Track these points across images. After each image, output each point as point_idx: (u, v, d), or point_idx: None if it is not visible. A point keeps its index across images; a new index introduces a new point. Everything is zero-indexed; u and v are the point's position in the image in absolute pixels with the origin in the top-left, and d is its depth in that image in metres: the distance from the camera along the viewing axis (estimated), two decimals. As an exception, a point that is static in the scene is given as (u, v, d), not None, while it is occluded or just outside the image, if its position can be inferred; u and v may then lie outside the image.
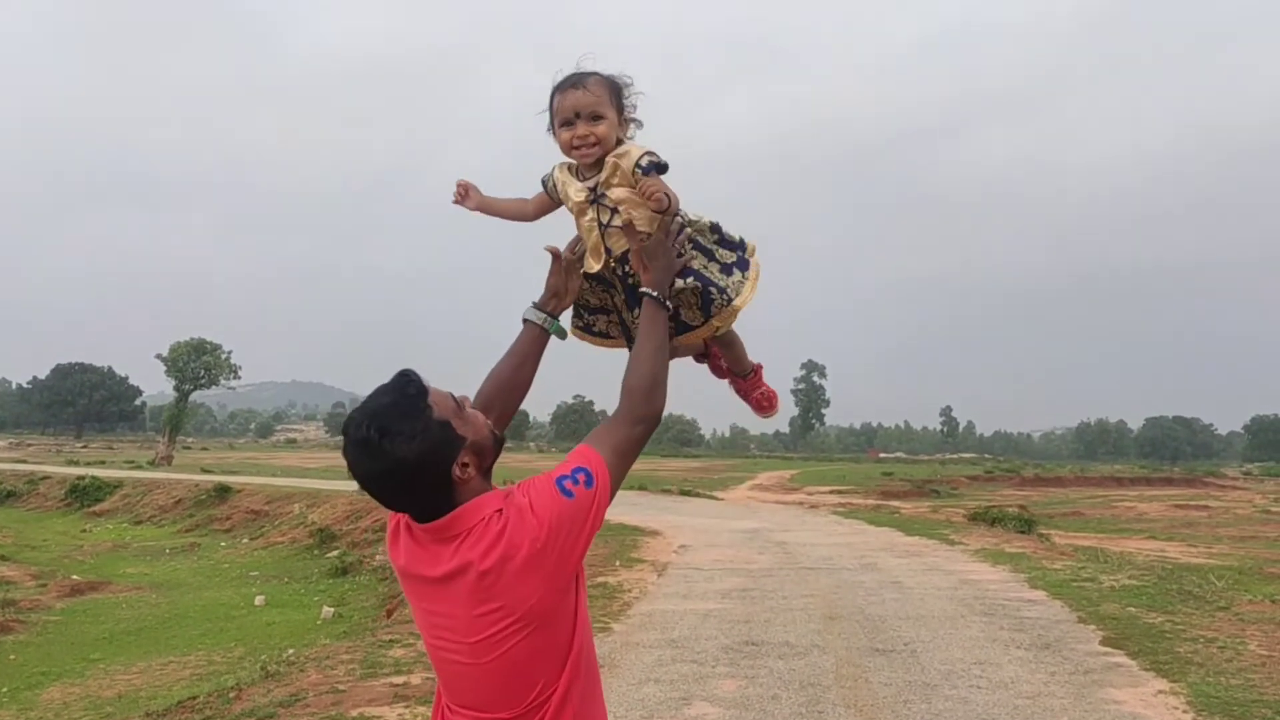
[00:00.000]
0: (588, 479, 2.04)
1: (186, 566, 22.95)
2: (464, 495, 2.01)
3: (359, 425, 1.99)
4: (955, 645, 8.94)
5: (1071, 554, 16.01)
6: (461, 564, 1.96)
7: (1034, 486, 58.30)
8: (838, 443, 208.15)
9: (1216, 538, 29.16)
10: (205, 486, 34.66)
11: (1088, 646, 8.85)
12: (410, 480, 1.98)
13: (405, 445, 1.94)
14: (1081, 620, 9.99)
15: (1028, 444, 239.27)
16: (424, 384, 2.04)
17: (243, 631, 15.36)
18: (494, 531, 1.95)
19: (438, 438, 1.97)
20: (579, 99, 2.37)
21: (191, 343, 75.86)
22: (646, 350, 2.29)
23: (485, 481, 2.07)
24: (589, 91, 2.38)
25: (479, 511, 1.99)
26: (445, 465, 1.98)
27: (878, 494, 44.64)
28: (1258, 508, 42.04)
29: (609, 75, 2.44)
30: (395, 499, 2.05)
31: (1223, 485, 65.47)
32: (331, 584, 19.45)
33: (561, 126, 2.41)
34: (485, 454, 2.06)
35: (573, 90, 2.39)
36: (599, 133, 2.37)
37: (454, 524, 1.99)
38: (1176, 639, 9.02)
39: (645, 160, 2.35)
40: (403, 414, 1.97)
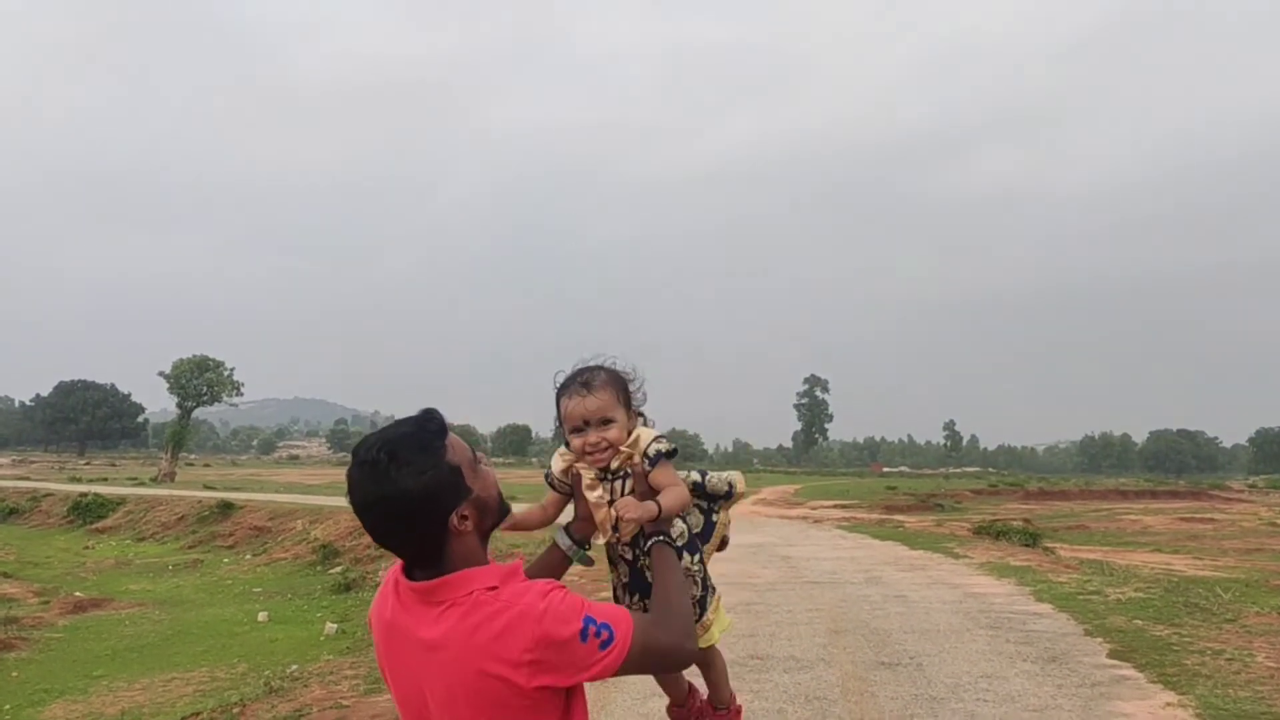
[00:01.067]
0: (608, 639, 1.87)
1: (189, 583, 22.86)
2: (457, 550, 1.94)
3: (370, 448, 1.94)
4: (961, 658, 8.90)
5: (1077, 567, 15.97)
6: (446, 634, 1.87)
7: (1038, 500, 58.18)
8: (841, 457, 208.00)
9: (1222, 550, 29.07)
10: (208, 503, 34.53)
11: (1095, 659, 8.81)
12: (407, 515, 1.91)
13: (411, 477, 1.89)
14: (1088, 633, 9.95)
15: (1031, 457, 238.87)
16: (445, 425, 2.00)
17: (246, 648, 15.27)
18: (487, 611, 1.85)
19: (445, 480, 1.92)
20: (588, 407, 2.35)
21: (194, 360, 75.82)
22: (676, 591, 2.14)
23: (481, 547, 1.99)
24: (596, 397, 2.36)
25: (469, 584, 1.90)
26: (445, 510, 1.91)
27: (881, 508, 44.52)
28: (1263, 520, 41.92)
29: (614, 372, 2.43)
30: (387, 532, 1.97)
31: (1228, 498, 65.38)
32: (334, 600, 19.35)
33: (572, 432, 2.39)
34: (487, 514, 2.00)
35: (580, 397, 2.37)
36: (611, 438, 2.35)
37: (440, 590, 1.91)
38: (1184, 651, 8.98)
39: (653, 449, 2.34)
40: (417, 446, 1.93)
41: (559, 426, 2.43)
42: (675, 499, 2.31)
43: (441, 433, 1.97)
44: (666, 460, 2.34)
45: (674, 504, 2.30)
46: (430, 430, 1.97)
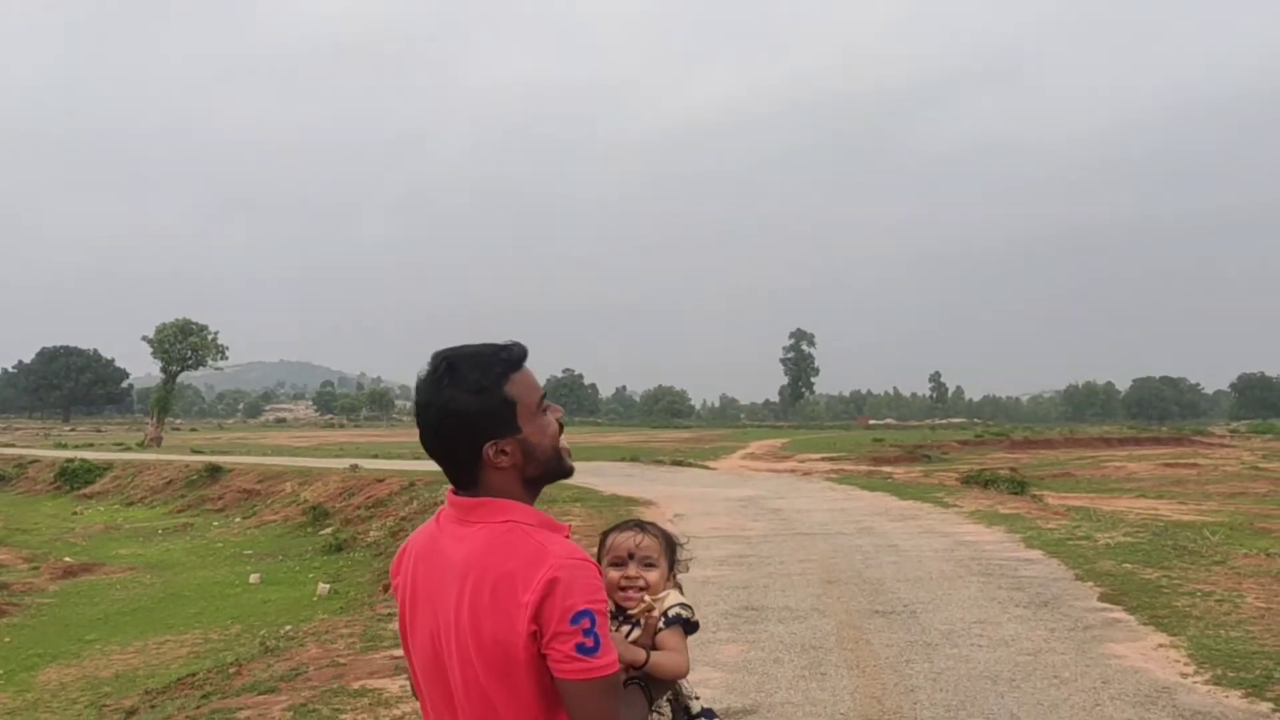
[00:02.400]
0: (592, 648, 1.77)
1: (180, 546, 22.90)
2: (493, 482, 1.91)
3: (439, 356, 1.94)
4: (954, 605, 8.95)
5: (1065, 514, 16.08)
6: (471, 556, 1.84)
7: (1024, 449, 58.63)
8: (827, 411, 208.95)
9: (1206, 495, 29.46)
10: (196, 467, 34.54)
11: (1086, 603, 8.87)
12: (445, 427, 1.89)
13: (460, 392, 1.87)
14: (1079, 578, 10.02)
15: (1016, 407, 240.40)
16: (520, 359, 1.96)
17: (239, 609, 15.33)
18: (510, 541, 1.83)
19: (492, 407, 1.88)
20: (638, 542, 2.29)
21: (178, 324, 75.35)
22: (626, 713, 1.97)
23: (521, 487, 1.93)
24: (650, 537, 2.30)
25: (505, 511, 1.87)
26: (482, 436, 1.88)
27: (869, 460, 44.81)
28: (1245, 464, 42.44)
29: (667, 530, 2.39)
30: (428, 440, 1.95)
31: (1210, 443, 66.00)
32: (326, 561, 19.44)
33: (611, 564, 2.30)
34: (534, 461, 1.93)
35: (633, 532, 2.32)
36: (650, 579, 2.27)
37: (482, 509, 1.89)
38: (1174, 594, 9.05)
39: (674, 610, 2.23)
40: (478, 366, 1.90)
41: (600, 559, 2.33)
42: (668, 661, 2.18)
43: (511, 363, 1.93)
44: (682, 628, 2.24)
45: (665, 665, 2.17)
46: (500, 358, 1.94)
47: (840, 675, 6.78)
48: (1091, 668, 6.78)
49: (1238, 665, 6.66)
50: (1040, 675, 6.65)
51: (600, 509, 16.95)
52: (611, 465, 32.45)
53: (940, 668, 6.88)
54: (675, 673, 2.20)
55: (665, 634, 2.21)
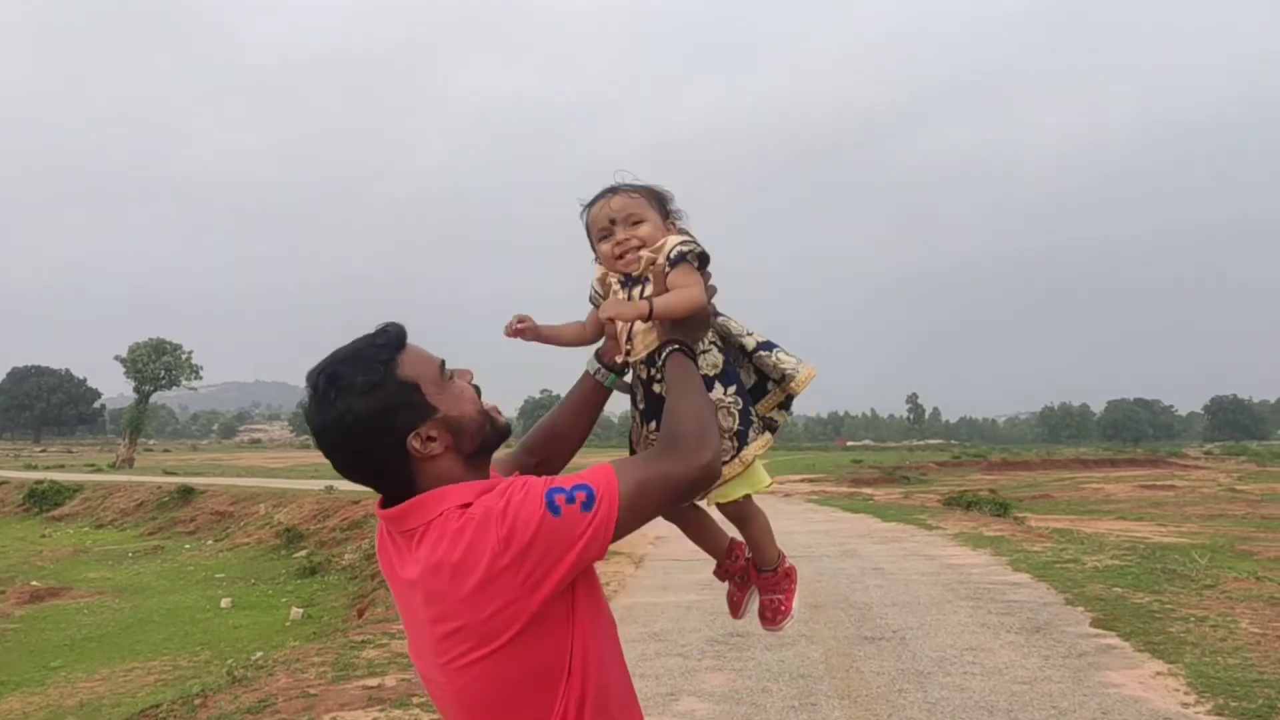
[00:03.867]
0: (588, 499, 1.63)
1: (150, 570, 22.52)
2: (427, 476, 1.70)
3: (314, 373, 1.72)
4: (944, 631, 8.75)
5: (1050, 536, 15.94)
6: (423, 568, 1.63)
7: (1002, 470, 58.73)
8: (805, 432, 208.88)
9: (1185, 516, 29.42)
10: (168, 488, 34.13)
11: (1079, 629, 8.68)
12: (354, 440, 1.68)
13: (352, 397, 1.66)
14: (1069, 602, 9.84)
15: (993, 429, 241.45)
16: (401, 338, 1.75)
17: (209, 635, 15.02)
18: (452, 530, 1.61)
19: (394, 398, 1.68)
20: (613, 206, 2.10)
21: (151, 343, 74.62)
22: (688, 398, 1.88)
23: (464, 468, 1.74)
24: (622, 198, 2.10)
25: (440, 503, 1.66)
26: (400, 432, 1.68)
27: (848, 482, 44.73)
28: (1222, 486, 42.57)
29: (646, 184, 2.15)
30: (343, 464, 1.74)
31: (1185, 465, 66.32)
32: (300, 584, 19.14)
33: (600, 240, 2.13)
34: (464, 435, 1.74)
35: (604, 199, 2.12)
36: (642, 235, 2.08)
37: (410, 515, 1.69)
38: (1167, 619, 8.88)
39: (675, 250, 2.04)
40: (359, 363, 1.69)
41: (592, 248, 2.18)
42: (678, 299, 2.00)
43: (392, 345, 1.73)
44: (690, 263, 2.04)
45: (675, 304, 2.00)
46: (378, 344, 1.73)
47: (831, 706, 6.55)
48: (1090, 697, 6.57)
49: (1239, 694, 6.48)
50: (1038, 706, 6.44)
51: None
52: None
53: (935, 698, 6.66)
54: (690, 306, 2.02)
55: (672, 275, 2.03)
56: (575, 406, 2.17)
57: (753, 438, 2.11)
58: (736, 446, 2.08)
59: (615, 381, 2.16)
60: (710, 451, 1.78)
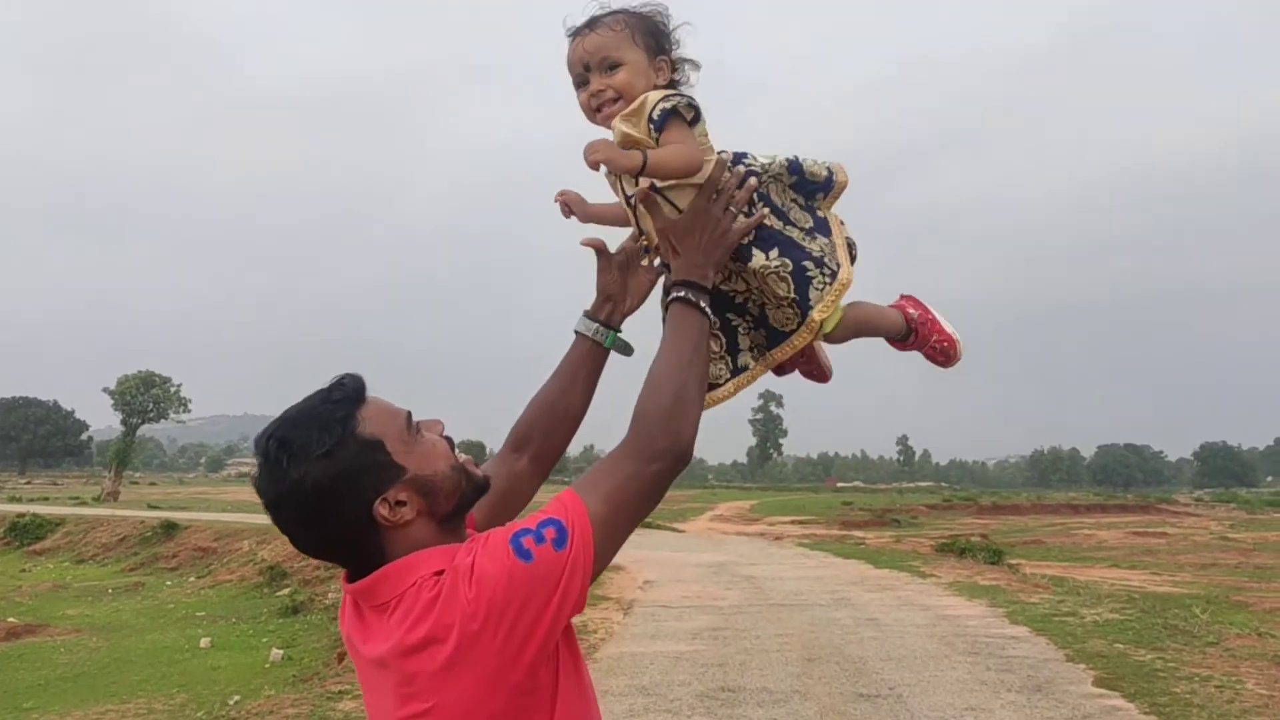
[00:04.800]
0: (558, 536, 1.44)
1: (130, 607, 22.12)
2: (397, 545, 1.49)
3: (262, 438, 1.50)
4: (942, 689, 8.50)
5: (1047, 586, 15.69)
6: (392, 645, 1.42)
7: (992, 515, 58.46)
8: (795, 472, 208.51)
9: (1178, 565, 29.19)
10: (151, 523, 33.69)
11: (1081, 688, 8.44)
12: (313, 512, 1.46)
13: (307, 463, 1.45)
14: (1070, 659, 9.59)
15: (983, 472, 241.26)
16: (360, 391, 1.53)
17: (186, 676, 14.66)
18: (424, 601, 1.41)
19: (356, 459, 1.46)
20: (585, 47, 1.78)
21: (140, 375, 74.22)
22: (669, 362, 1.67)
23: (439, 532, 1.53)
24: (597, 34, 1.77)
25: (412, 573, 1.45)
26: (365, 498, 1.46)
27: (839, 524, 44.43)
28: (1214, 534, 42.39)
29: (631, 9, 1.81)
30: (303, 539, 1.52)
31: (1176, 512, 66.14)
32: (281, 624, 18.77)
33: (578, 88, 1.83)
34: (438, 496, 1.52)
35: (578, 38, 1.80)
36: (617, 84, 1.76)
37: (379, 588, 1.47)
38: (1171, 678, 8.64)
39: (659, 109, 1.72)
40: (314, 424, 1.47)
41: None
42: (673, 155, 1.71)
43: (350, 400, 1.51)
44: (678, 119, 1.74)
45: (667, 159, 1.71)
46: (334, 400, 1.51)
47: (827, 769, 6.30)
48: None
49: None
50: (1042, 772, 6.20)
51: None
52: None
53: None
54: (686, 166, 1.73)
55: (664, 134, 1.72)
56: (566, 377, 1.92)
57: (815, 297, 1.84)
58: (800, 312, 1.84)
59: (615, 340, 1.91)
60: (678, 434, 1.59)
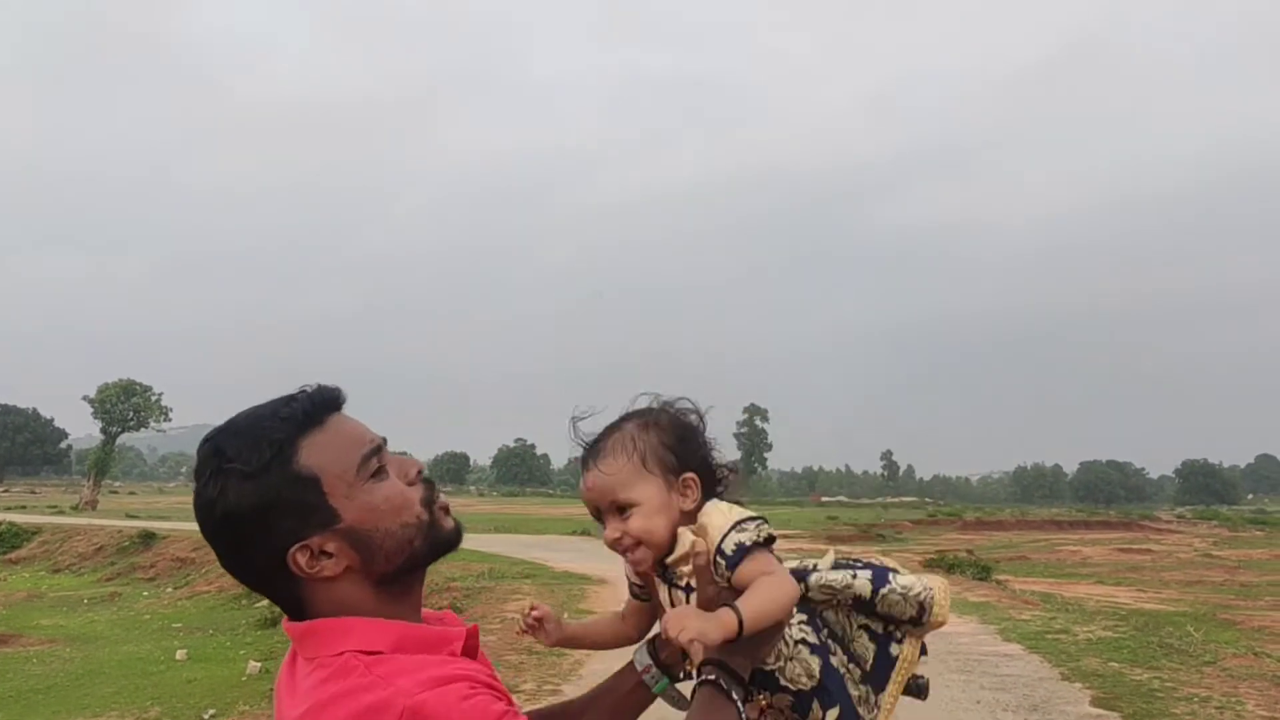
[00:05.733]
0: None
1: (105, 618, 21.84)
2: (320, 601, 1.26)
3: (204, 440, 1.28)
4: (938, 708, 8.29)
5: (1037, 603, 15.56)
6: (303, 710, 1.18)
7: (976, 530, 58.58)
8: (780, 487, 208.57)
9: (1163, 582, 29.23)
10: (129, 533, 33.39)
11: (1079, 708, 8.28)
12: (226, 537, 1.24)
13: (228, 481, 1.22)
14: (1065, 678, 9.43)
15: (966, 487, 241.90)
16: (314, 412, 1.28)
17: (160, 689, 14.41)
18: (342, 687, 1.16)
19: (279, 493, 1.22)
20: (591, 489, 1.57)
21: (120, 384, 73.63)
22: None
23: (374, 596, 1.27)
24: (601, 471, 1.55)
25: (339, 639, 1.22)
26: (279, 540, 1.22)
27: (824, 538, 44.29)
28: (1198, 551, 42.50)
29: (643, 421, 1.59)
30: (222, 560, 1.29)
31: (1159, 529, 66.37)
32: (259, 636, 18.54)
33: (595, 518, 1.61)
34: (375, 554, 1.26)
35: (584, 473, 1.59)
36: (633, 531, 1.52)
37: (309, 639, 1.24)
38: (1169, 699, 8.48)
39: (732, 543, 1.43)
40: (249, 441, 1.24)
41: None
42: (768, 600, 1.38)
43: (295, 422, 1.26)
44: (760, 551, 1.44)
45: (765, 606, 1.37)
46: (281, 416, 1.26)
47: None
48: (1099, 787, 6.16)
49: (1258, 787, 6.08)
50: (1045, 796, 6.02)
51: (552, 586, 16.18)
52: (564, 539, 31.79)
53: (933, 785, 6.22)
54: (784, 605, 1.40)
55: (743, 568, 1.41)
56: (608, 711, 1.58)
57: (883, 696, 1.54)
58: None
59: (667, 689, 1.56)
60: None
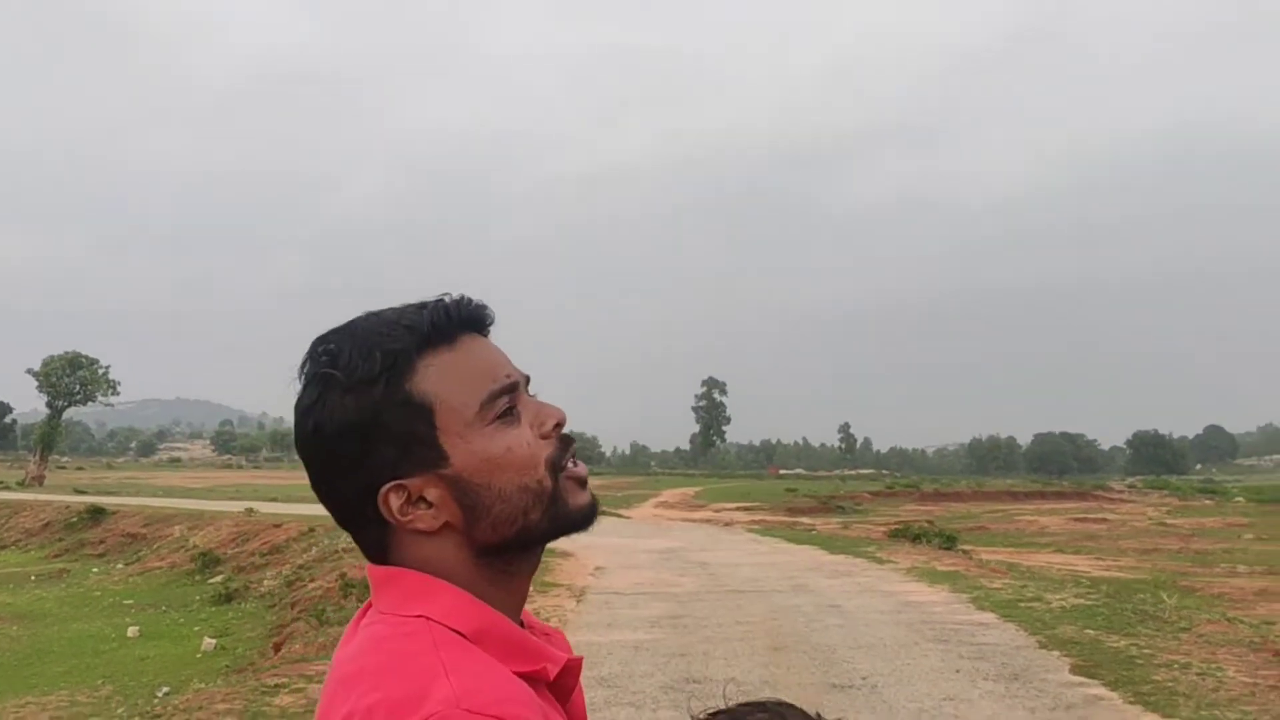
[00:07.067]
0: None
1: (53, 595, 21.26)
2: (405, 551, 0.96)
3: (319, 340, 0.98)
4: (917, 678, 8.10)
5: (1006, 572, 15.46)
6: (336, 672, 0.93)
7: (934, 501, 58.94)
8: (738, 459, 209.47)
9: (1120, 551, 29.50)
10: (77, 508, 32.67)
11: (1059, 676, 8.10)
12: (318, 456, 0.95)
13: (329, 392, 0.93)
14: (1043, 645, 9.26)
15: (922, 459, 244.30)
16: (442, 327, 0.97)
17: (112, 667, 14.00)
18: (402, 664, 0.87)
19: (382, 415, 0.92)
20: None
21: (66, 357, 71.98)
22: None
23: (472, 563, 0.96)
24: None
25: (425, 600, 0.93)
26: (373, 473, 0.92)
27: (784, 511, 44.43)
28: (1152, 520, 43.06)
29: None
30: (311, 478, 0.99)
31: (1112, 499, 67.26)
32: (214, 612, 18.11)
33: None
34: (481, 516, 0.95)
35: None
36: None
37: (385, 589, 0.95)
38: (1149, 666, 8.33)
39: None
40: (363, 345, 0.94)
41: None
42: None
43: (421, 334, 0.95)
44: None
45: None
46: (404, 324, 0.95)
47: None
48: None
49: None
50: (1037, 768, 5.81)
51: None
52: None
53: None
54: None
55: None
56: None
57: None
58: None
59: None
60: None
